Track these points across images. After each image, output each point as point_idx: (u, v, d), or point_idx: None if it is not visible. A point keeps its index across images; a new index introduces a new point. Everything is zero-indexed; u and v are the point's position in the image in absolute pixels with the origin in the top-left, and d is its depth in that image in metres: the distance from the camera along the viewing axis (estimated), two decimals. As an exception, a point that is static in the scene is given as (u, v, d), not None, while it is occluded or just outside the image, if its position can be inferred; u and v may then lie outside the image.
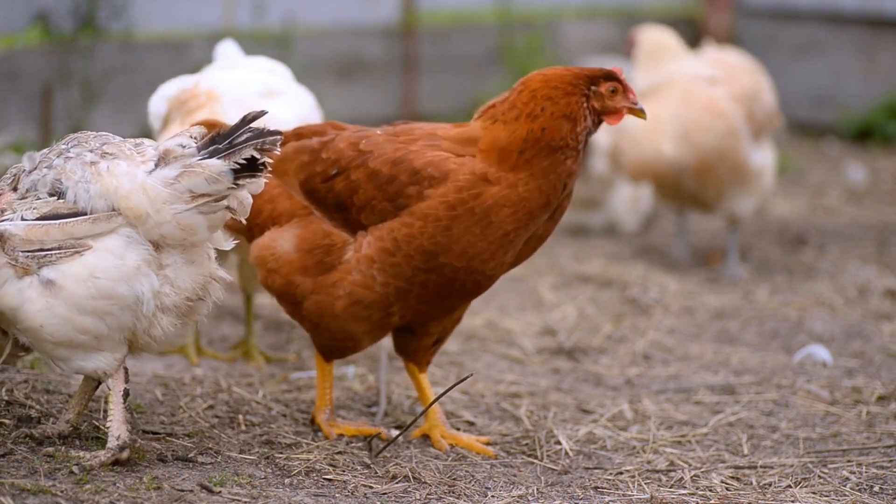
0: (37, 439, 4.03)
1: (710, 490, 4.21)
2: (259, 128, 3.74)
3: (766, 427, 4.79)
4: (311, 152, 4.29)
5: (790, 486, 4.24)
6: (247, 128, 3.75)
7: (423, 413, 4.43)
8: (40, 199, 3.83)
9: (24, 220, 3.79)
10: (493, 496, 4.07)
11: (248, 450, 4.23)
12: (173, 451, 4.12)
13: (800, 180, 9.27)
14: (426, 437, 4.46)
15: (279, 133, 3.77)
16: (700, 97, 6.88)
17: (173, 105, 4.96)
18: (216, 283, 3.94)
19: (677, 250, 7.37)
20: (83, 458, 3.88)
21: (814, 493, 4.20)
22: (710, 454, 4.51)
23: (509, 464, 4.34)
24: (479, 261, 4.15)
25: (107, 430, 3.90)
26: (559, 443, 4.52)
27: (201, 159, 3.75)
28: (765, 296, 6.66)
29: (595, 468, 4.36)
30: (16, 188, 3.88)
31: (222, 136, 3.76)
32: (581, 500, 4.10)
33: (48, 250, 3.76)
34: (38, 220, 3.79)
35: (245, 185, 3.78)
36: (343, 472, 4.14)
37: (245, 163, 3.73)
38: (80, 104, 7.76)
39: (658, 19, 9.95)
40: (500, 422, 4.73)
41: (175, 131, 4.33)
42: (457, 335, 5.68)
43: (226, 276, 3.98)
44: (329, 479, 4.08)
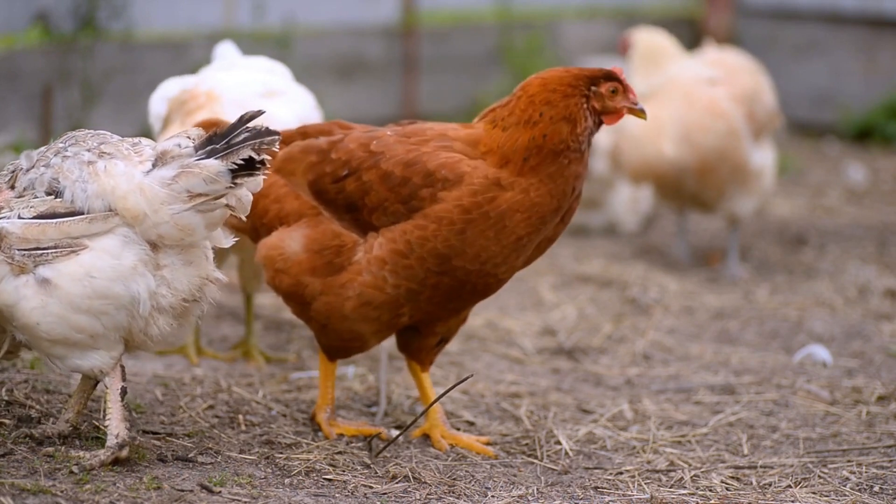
0: (37, 439, 4.03)
1: (710, 490, 4.21)
2: (257, 127, 3.73)
3: (766, 427, 4.79)
4: (319, 152, 4.26)
5: (790, 486, 4.24)
6: (244, 127, 3.74)
7: (424, 413, 4.43)
8: (37, 197, 3.82)
9: (20, 218, 3.79)
10: (493, 496, 4.06)
11: (248, 450, 4.23)
12: (173, 451, 4.12)
13: (800, 180, 9.26)
14: (426, 437, 4.46)
15: (277, 133, 3.75)
16: (700, 98, 6.88)
17: (173, 106, 4.95)
18: (212, 285, 3.93)
19: (677, 250, 7.37)
20: (83, 457, 3.88)
21: (814, 493, 4.20)
22: (710, 454, 4.51)
23: (509, 464, 4.34)
24: (492, 264, 4.14)
25: (105, 429, 3.91)
26: (559, 443, 4.52)
27: (199, 160, 3.74)
28: (765, 296, 6.65)
29: (595, 468, 4.36)
30: (13, 186, 3.88)
31: (220, 136, 3.75)
32: (581, 500, 4.10)
33: (44, 249, 3.76)
34: (34, 218, 3.78)
35: (244, 184, 3.77)
36: (343, 472, 4.14)
37: (243, 163, 3.72)
38: (80, 104, 7.75)
39: (658, 19, 9.97)
40: (500, 422, 4.73)
41: (175, 132, 4.32)
42: (457, 335, 5.67)
43: (222, 278, 3.97)
44: (329, 479, 4.08)
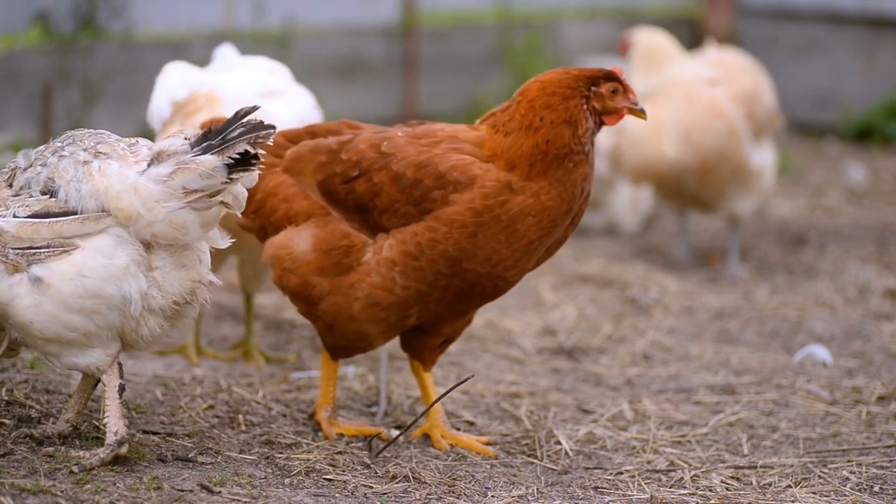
0: (37, 439, 4.03)
1: (710, 490, 4.21)
2: (252, 121, 3.75)
3: (766, 427, 4.79)
4: (329, 153, 4.25)
5: (790, 486, 4.24)
6: (239, 123, 3.75)
7: (425, 413, 4.43)
8: (33, 196, 3.84)
9: (15, 217, 3.80)
10: (493, 496, 4.06)
11: (248, 450, 4.23)
12: (173, 451, 4.12)
13: (800, 180, 9.26)
14: (426, 437, 4.46)
15: (272, 127, 3.77)
16: (701, 98, 6.88)
17: (173, 107, 4.95)
18: (205, 289, 3.94)
19: (677, 250, 7.37)
20: (83, 457, 3.88)
21: (814, 493, 4.20)
22: (710, 454, 4.51)
23: (509, 464, 4.34)
24: (503, 267, 4.14)
25: (105, 428, 3.91)
26: (559, 443, 4.52)
27: (195, 156, 3.75)
28: (765, 296, 6.65)
29: (595, 468, 4.36)
30: (11, 185, 3.90)
31: (215, 132, 3.77)
32: (581, 500, 4.10)
33: (38, 248, 3.78)
34: (29, 217, 3.80)
35: (239, 180, 3.78)
36: (343, 472, 4.14)
37: (238, 157, 3.74)
38: (80, 104, 7.75)
39: (658, 19, 9.97)
40: (500, 422, 4.73)
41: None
42: (458, 335, 5.68)
43: (217, 281, 3.98)
44: (329, 479, 4.08)
